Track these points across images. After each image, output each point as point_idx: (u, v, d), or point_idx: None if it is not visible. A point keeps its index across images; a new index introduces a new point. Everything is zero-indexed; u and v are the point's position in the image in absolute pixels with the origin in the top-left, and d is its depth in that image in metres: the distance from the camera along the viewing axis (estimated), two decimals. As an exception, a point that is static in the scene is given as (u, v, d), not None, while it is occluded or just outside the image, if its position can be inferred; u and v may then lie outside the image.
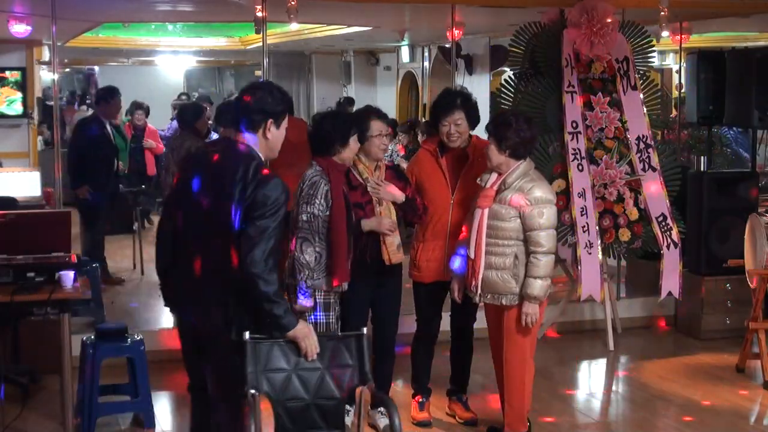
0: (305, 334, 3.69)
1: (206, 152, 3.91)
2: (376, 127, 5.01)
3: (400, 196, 5.02)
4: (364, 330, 3.88)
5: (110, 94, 8.68)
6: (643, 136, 6.99)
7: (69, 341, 5.00)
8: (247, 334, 3.62)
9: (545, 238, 4.73)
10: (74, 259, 5.14)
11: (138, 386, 5.33)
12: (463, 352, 5.42)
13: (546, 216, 4.74)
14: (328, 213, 4.69)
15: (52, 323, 5.11)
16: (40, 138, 11.68)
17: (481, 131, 5.30)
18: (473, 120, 5.23)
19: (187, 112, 8.11)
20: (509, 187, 4.78)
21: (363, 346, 3.80)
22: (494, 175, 4.86)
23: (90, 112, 13.09)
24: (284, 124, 3.83)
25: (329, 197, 4.71)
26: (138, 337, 5.43)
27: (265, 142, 3.77)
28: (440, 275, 5.19)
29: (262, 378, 3.63)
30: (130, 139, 10.05)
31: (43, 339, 5.75)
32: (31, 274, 4.92)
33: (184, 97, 14.52)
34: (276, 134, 3.79)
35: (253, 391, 3.56)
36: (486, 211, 4.80)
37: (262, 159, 3.75)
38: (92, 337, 5.33)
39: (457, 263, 5.00)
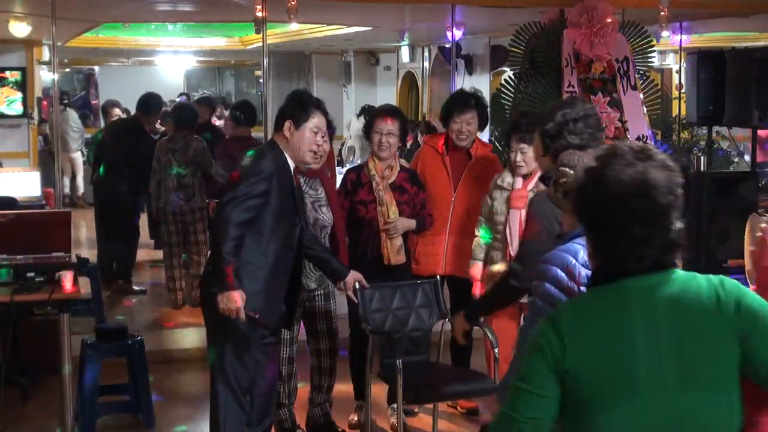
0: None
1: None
2: (379, 125, 5.03)
3: (412, 225, 5.08)
4: (437, 277, 5.00)
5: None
6: (643, 136, 6.99)
7: (69, 341, 5.00)
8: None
9: None
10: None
11: (138, 386, 5.33)
12: (463, 348, 5.43)
13: None
14: None
15: (52, 323, 5.11)
16: (40, 138, 11.69)
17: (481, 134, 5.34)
18: (482, 122, 5.37)
19: (186, 112, 8.10)
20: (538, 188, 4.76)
21: (438, 289, 4.93)
22: (518, 177, 4.85)
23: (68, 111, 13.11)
24: (309, 125, 4.16)
25: None
26: (138, 337, 5.43)
27: (285, 141, 4.16)
28: (438, 269, 5.27)
29: (369, 316, 4.73)
30: None
31: (43, 339, 5.75)
32: (31, 274, 4.92)
33: (183, 97, 14.51)
34: (297, 135, 4.14)
35: (365, 326, 4.71)
36: (523, 211, 4.79)
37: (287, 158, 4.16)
38: (92, 337, 5.33)
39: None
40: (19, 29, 8.43)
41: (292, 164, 4.19)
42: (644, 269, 1.97)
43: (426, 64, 13.35)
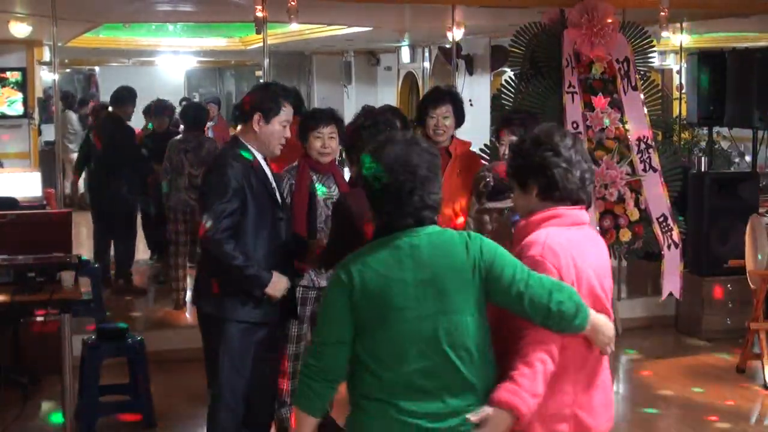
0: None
1: None
2: None
3: None
4: None
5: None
6: (644, 137, 6.98)
7: (69, 341, 5.00)
8: None
9: None
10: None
11: (138, 386, 5.33)
12: None
13: None
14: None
15: (53, 323, 5.11)
16: (40, 138, 11.67)
17: (477, 132, 5.32)
18: (459, 118, 5.27)
19: (195, 111, 8.11)
20: None
21: None
22: None
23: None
24: (279, 119, 4.07)
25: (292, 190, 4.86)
26: (138, 337, 5.43)
27: (253, 135, 4.08)
28: None
29: None
30: None
31: (43, 339, 5.76)
32: (32, 274, 4.91)
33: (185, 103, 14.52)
34: (267, 129, 4.06)
35: None
36: None
37: (252, 150, 4.08)
38: (92, 337, 5.33)
39: None
40: (20, 29, 8.42)
41: (260, 156, 4.12)
42: (409, 225, 2.63)
43: (426, 64, 13.35)
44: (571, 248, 2.77)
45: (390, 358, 2.59)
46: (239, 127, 4.20)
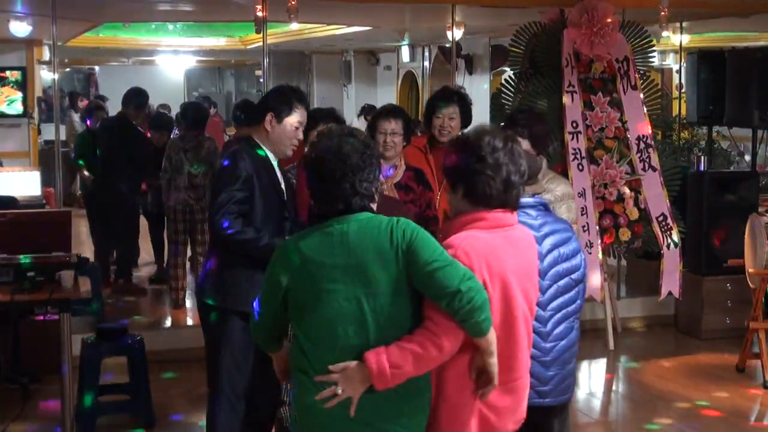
0: None
1: None
2: (382, 125, 5.02)
3: None
4: None
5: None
6: (643, 136, 6.99)
7: (69, 341, 5.00)
8: None
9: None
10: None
11: (138, 386, 5.33)
12: None
13: (572, 210, 4.82)
14: None
15: (52, 323, 5.11)
16: (40, 138, 11.68)
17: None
18: (466, 119, 5.28)
19: (194, 111, 8.10)
20: (538, 185, 4.76)
21: None
22: None
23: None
24: (291, 120, 4.13)
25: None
26: (138, 337, 5.43)
27: (265, 134, 4.13)
28: None
29: None
30: None
31: (43, 339, 5.75)
32: (32, 274, 4.91)
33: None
34: (278, 129, 4.11)
35: None
36: None
37: (265, 149, 4.13)
38: (92, 336, 5.33)
39: None
40: (20, 29, 8.43)
41: (272, 157, 4.17)
42: (340, 211, 2.79)
43: (426, 63, 13.36)
44: (487, 252, 2.87)
45: (321, 338, 2.76)
46: (253, 127, 4.24)
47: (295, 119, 4.14)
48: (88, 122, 8.99)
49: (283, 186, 4.22)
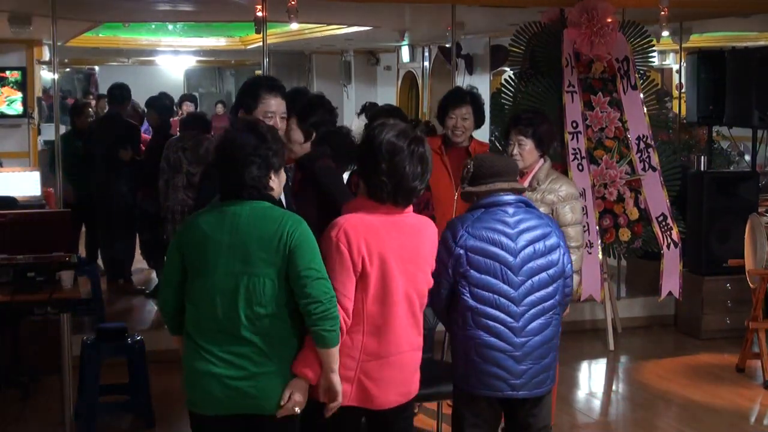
0: None
1: None
2: None
3: None
4: None
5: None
6: (644, 136, 6.99)
7: (69, 341, 5.00)
8: None
9: (578, 232, 4.79)
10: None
11: (138, 386, 5.33)
12: None
13: (576, 210, 4.81)
14: None
15: (52, 323, 5.11)
16: (40, 138, 11.66)
17: (481, 134, 5.34)
18: (478, 120, 5.31)
19: (194, 111, 8.12)
20: (541, 185, 4.76)
21: None
22: None
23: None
24: (259, 111, 3.92)
25: None
26: (138, 337, 5.43)
27: None
28: None
29: None
30: None
31: (43, 339, 5.75)
32: (32, 274, 4.91)
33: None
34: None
35: None
36: None
37: None
38: (92, 337, 5.33)
39: None
40: (19, 28, 8.40)
41: None
42: (230, 197, 3.14)
43: (426, 64, 13.34)
44: (367, 232, 3.20)
45: (201, 304, 3.13)
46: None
47: (262, 110, 3.92)
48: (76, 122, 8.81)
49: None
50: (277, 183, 3.22)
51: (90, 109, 9.42)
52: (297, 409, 3.12)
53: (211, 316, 3.10)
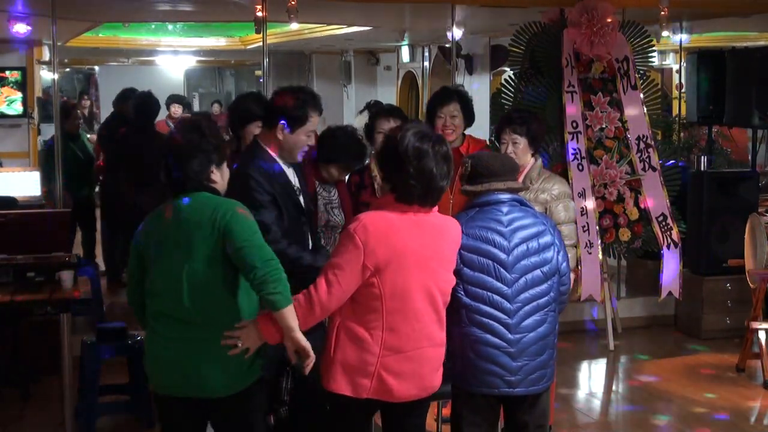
0: None
1: None
2: (381, 125, 5.02)
3: None
4: None
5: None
6: (643, 136, 6.99)
7: (69, 341, 5.00)
8: None
9: (572, 231, 4.81)
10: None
11: (138, 386, 5.32)
12: None
13: (570, 209, 4.83)
14: None
15: (52, 323, 5.10)
16: (40, 138, 11.66)
17: (476, 131, 5.31)
18: (468, 117, 5.22)
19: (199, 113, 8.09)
20: (534, 184, 4.77)
21: None
22: None
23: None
24: (304, 129, 3.89)
25: None
26: (138, 337, 5.43)
27: (276, 142, 3.93)
28: None
29: None
30: None
31: (43, 339, 5.75)
32: (31, 274, 4.91)
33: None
34: (291, 138, 3.89)
35: None
36: None
37: (273, 156, 3.95)
38: (92, 337, 5.33)
39: None
40: (19, 28, 8.40)
41: (281, 161, 3.97)
42: (179, 190, 3.33)
43: (426, 64, 13.34)
44: (388, 229, 3.27)
45: (155, 293, 3.36)
46: (261, 133, 4.02)
47: (309, 128, 3.90)
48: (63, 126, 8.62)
49: (298, 193, 4.05)
50: (220, 177, 3.40)
51: (78, 111, 9.29)
52: (239, 343, 3.27)
53: (161, 303, 3.33)
